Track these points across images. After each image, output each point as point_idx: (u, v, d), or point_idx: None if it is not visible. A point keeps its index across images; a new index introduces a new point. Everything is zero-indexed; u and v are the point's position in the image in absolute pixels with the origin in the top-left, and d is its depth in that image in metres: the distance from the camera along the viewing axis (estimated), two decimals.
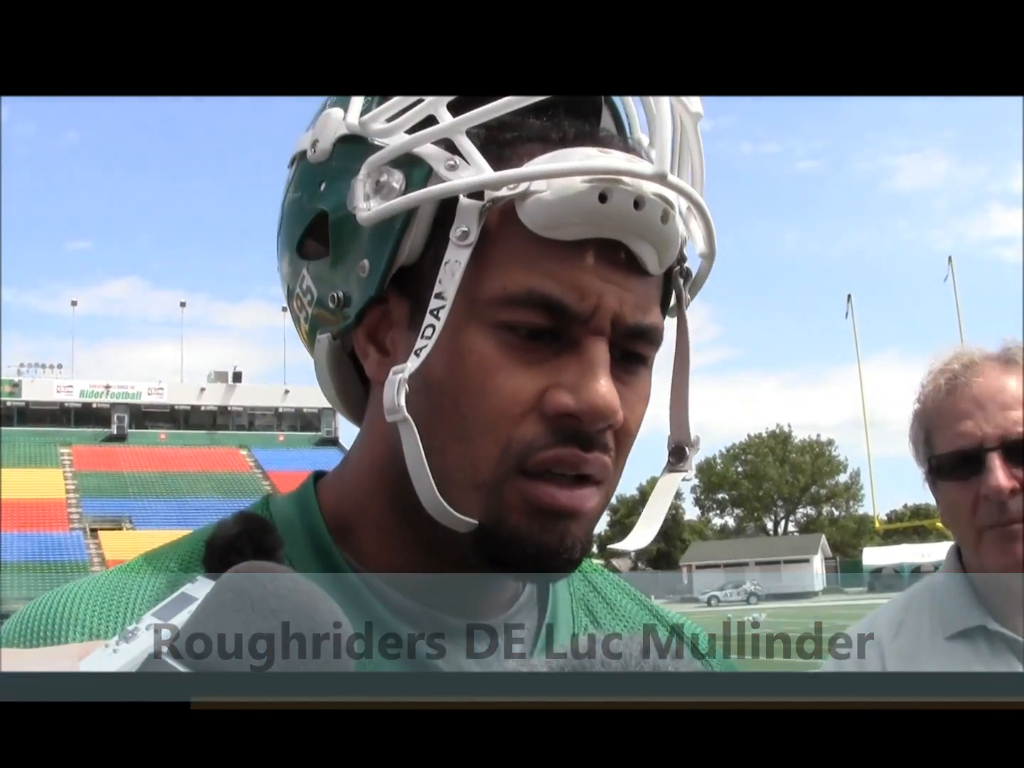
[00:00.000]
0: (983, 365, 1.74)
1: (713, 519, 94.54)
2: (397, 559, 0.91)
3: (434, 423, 0.83)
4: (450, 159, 0.82)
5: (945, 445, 1.74)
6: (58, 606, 0.87)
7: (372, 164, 0.85)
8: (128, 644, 0.61)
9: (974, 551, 1.75)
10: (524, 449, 0.82)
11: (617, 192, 0.80)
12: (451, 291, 0.81)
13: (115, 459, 63.08)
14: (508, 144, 0.84)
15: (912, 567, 64.67)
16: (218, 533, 0.70)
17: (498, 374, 0.82)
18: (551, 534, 0.84)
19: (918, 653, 1.77)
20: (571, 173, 0.80)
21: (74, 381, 69.73)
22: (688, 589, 70.25)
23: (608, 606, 1.06)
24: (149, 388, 70.69)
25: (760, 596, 60.96)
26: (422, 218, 0.84)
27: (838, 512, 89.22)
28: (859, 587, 66.85)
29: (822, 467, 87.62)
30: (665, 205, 0.83)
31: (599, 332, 0.83)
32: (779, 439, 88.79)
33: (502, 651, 0.93)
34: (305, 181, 0.93)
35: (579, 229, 0.81)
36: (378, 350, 0.90)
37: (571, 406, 0.81)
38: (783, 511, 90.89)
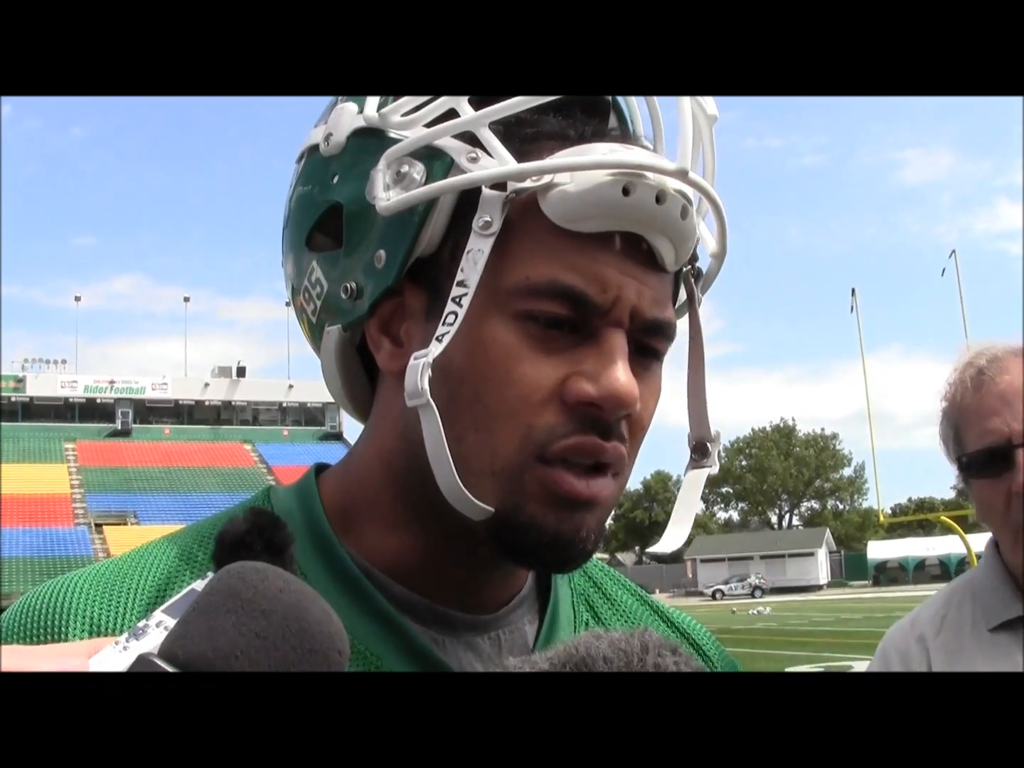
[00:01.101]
0: (1009, 360, 1.72)
1: (718, 513, 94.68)
2: (401, 550, 0.91)
3: (454, 411, 0.83)
4: (471, 151, 0.83)
5: (974, 443, 1.73)
6: (58, 597, 0.86)
7: (392, 155, 0.85)
8: (139, 641, 0.61)
9: (1011, 549, 1.75)
10: (544, 436, 0.83)
11: (640, 186, 0.81)
12: (474, 279, 0.81)
13: (119, 454, 63.16)
14: (528, 140, 0.85)
15: (917, 561, 64.76)
16: (228, 529, 0.69)
17: (520, 363, 0.82)
18: (567, 524, 0.84)
19: (962, 647, 1.76)
20: (596, 166, 0.81)
21: (78, 376, 69.84)
22: (693, 583, 70.33)
23: (608, 601, 1.06)
24: (153, 383, 70.76)
25: (765, 589, 61.05)
26: (442, 209, 0.84)
27: (842, 506, 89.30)
28: (863, 580, 66.92)
29: (826, 461, 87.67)
30: (684, 201, 0.83)
31: (618, 324, 0.83)
32: (783, 433, 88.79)
33: (503, 645, 0.94)
34: (316, 174, 0.93)
35: (601, 222, 0.82)
36: (392, 342, 0.89)
37: (591, 394, 0.82)
38: (787, 505, 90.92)
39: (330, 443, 67.66)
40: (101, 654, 0.61)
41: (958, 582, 1.93)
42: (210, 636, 0.58)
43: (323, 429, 71.14)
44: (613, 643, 0.65)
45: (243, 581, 0.60)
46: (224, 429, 70.63)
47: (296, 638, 0.59)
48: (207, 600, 0.60)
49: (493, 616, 0.94)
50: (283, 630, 0.59)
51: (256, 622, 0.58)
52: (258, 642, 0.58)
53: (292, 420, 72.97)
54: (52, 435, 64.65)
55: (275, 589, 0.60)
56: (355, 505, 0.93)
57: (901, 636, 1.87)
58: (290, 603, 0.60)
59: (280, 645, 0.58)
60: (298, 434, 70.85)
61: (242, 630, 0.58)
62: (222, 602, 0.59)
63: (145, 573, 0.88)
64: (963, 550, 23.18)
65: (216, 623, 0.58)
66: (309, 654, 0.59)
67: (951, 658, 1.76)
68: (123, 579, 0.87)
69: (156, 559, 0.90)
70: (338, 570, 0.89)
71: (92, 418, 68.34)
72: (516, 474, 0.83)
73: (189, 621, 0.59)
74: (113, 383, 69.50)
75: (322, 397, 72.05)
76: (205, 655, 0.57)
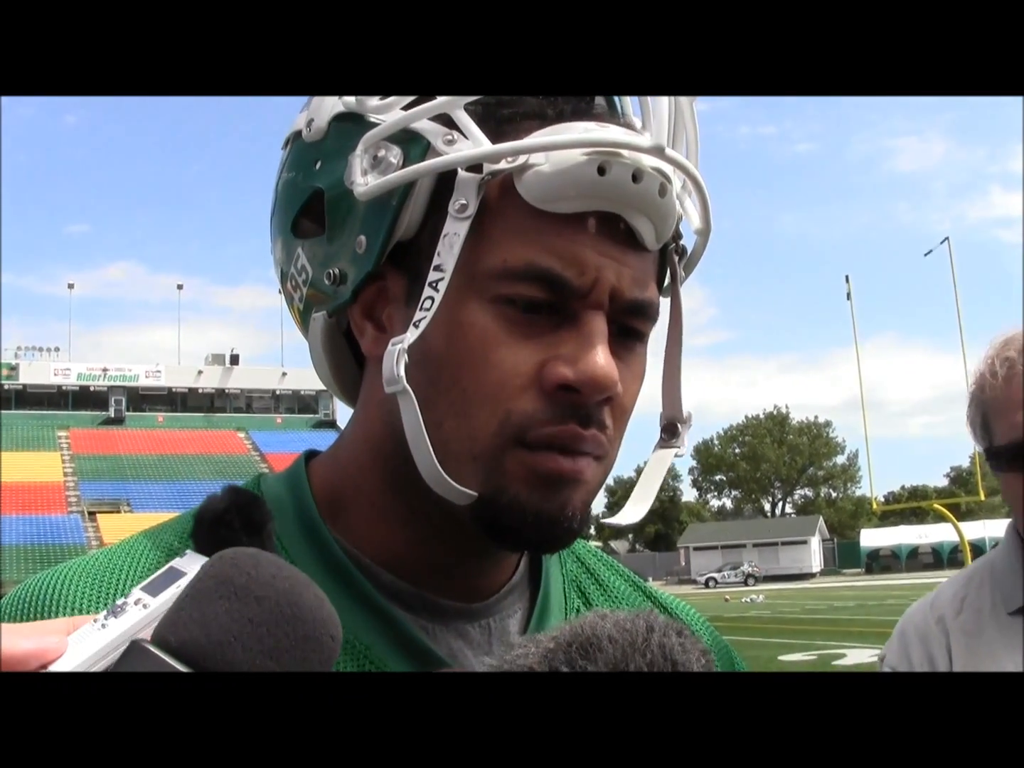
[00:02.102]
0: None
1: (711, 501, 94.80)
2: (390, 538, 0.91)
3: (432, 396, 0.83)
4: (448, 133, 0.82)
5: (1002, 435, 1.72)
6: (48, 588, 0.87)
7: (369, 140, 0.84)
8: (117, 619, 0.61)
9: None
10: (523, 422, 0.82)
11: (616, 165, 0.80)
12: (450, 263, 0.80)
13: (113, 442, 63.12)
14: (506, 120, 0.84)
15: (909, 549, 64.91)
16: (207, 507, 0.69)
17: (498, 348, 0.82)
18: (552, 502, 0.84)
19: (982, 629, 1.76)
20: (570, 145, 0.80)
21: (72, 364, 69.73)
22: (686, 571, 70.41)
23: (601, 587, 1.06)
24: (147, 371, 70.68)
25: (758, 577, 61.12)
26: (420, 192, 0.83)
27: (836, 493, 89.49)
28: (856, 568, 67.08)
29: (820, 448, 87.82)
30: (662, 179, 0.82)
31: (597, 306, 0.83)
32: (777, 421, 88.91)
33: (493, 633, 0.93)
34: (300, 161, 0.92)
35: (578, 202, 0.81)
36: (375, 327, 0.89)
37: (570, 377, 0.81)
38: (781, 492, 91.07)
39: (323, 431, 67.63)
40: (80, 631, 0.61)
41: (978, 564, 1.92)
42: (203, 622, 0.57)
43: (316, 417, 71.15)
44: (618, 623, 0.64)
45: (236, 567, 0.60)
46: (217, 417, 70.57)
47: (289, 624, 0.59)
48: (200, 586, 0.59)
49: (483, 604, 0.94)
50: (276, 616, 0.58)
51: (249, 608, 0.58)
52: (251, 628, 0.58)
53: (285, 408, 72.96)
54: (45, 423, 64.58)
55: (268, 575, 0.60)
56: (343, 492, 0.93)
57: (921, 616, 1.86)
58: (283, 589, 0.59)
59: (273, 631, 0.58)
60: (291, 422, 70.83)
61: (235, 616, 0.58)
62: (215, 588, 0.59)
63: (134, 563, 0.88)
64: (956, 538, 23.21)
65: (209, 609, 0.58)
66: (302, 640, 0.59)
67: (970, 640, 1.75)
68: (113, 570, 0.87)
69: (146, 549, 0.90)
70: (326, 558, 0.89)
71: (85, 406, 68.26)
72: (496, 458, 0.83)
73: (182, 607, 0.59)
74: (106, 371, 69.41)
75: (315, 385, 71.89)
76: (198, 641, 0.57)
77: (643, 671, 0.62)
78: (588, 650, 0.63)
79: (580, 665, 0.62)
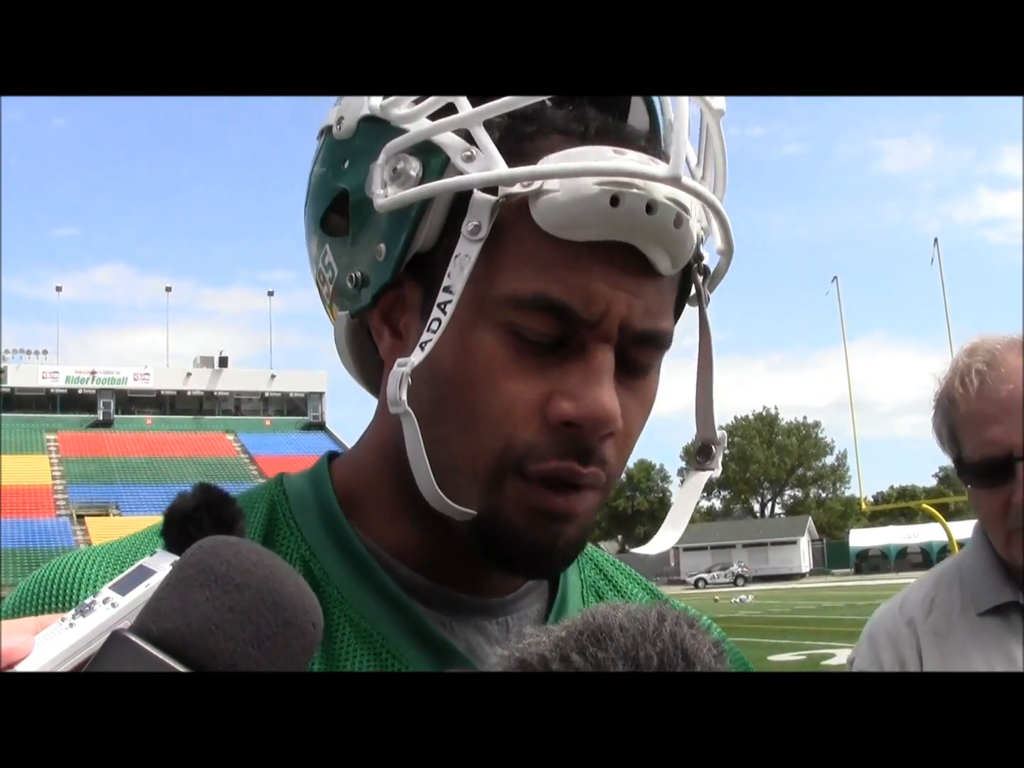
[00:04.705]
0: (1007, 362, 1.68)
1: (700, 501, 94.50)
2: (407, 536, 0.91)
3: (440, 412, 0.83)
4: (467, 149, 0.81)
5: (973, 450, 1.69)
6: (72, 567, 0.88)
7: (391, 150, 0.84)
8: (85, 618, 0.61)
9: (1003, 547, 1.73)
10: (523, 453, 0.82)
11: (629, 196, 0.79)
12: (459, 286, 0.80)
13: (101, 445, 62.91)
14: (527, 137, 0.83)
15: (898, 549, 65.03)
16: (177, 505, 0.69)
17: (504, 374, 0.82)
18: (543, 535, 0.84)
19: (952, 630, 1.75)
20: (581, 174, 0.78)
21: (60, 367, 69.55)
22: (675, 571, 70.51)
23: (619, 593, 1.06)
24: (135, 373, 70.50)
25: (747, 578, 61.25)
26: (438, 207, 0.83)
27: (825, 494, 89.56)
28: (846, 568, 67.18)
29: (809, 449, 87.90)
30: (679, 209, 0.81)
31: (606, 338, 0.82)
32: (766, 421, 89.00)
33: (511, 629, 0.94)
34: (330, 157, 0.93)
35: (591, 231, 0.79)
36: (392, 333, 0.89)
37: (572, 414, 0.81)
38: (770, 493, 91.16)
39: (312, 433, 67.56)
40: (47, 631, 0.61)
41: (946, 564, 1.91)
42: (184, 611, 0.57)
43: (305, 419, 71.01)
44: (630, 612, 0.65)
45: (216, 555, 0.60)
46: (206, 419, 70.40)
47: (270, 611, 0.58)
48: (180, 575, 0.59)
49: (501, 601, 0.94)
50: (257, 603, 0.58)
51: (230, 596, 0.58)
52: (232, 616, 0.57)
53: (274, 410, 72.83)
54: (33, 426, 64.34)
55: (248, 563, 0.60)
56: (361, 490, 0.94)
57: (890, 619, 1.84)
58: (263, 576, 0.59)
59: (254, 618, 0.58)
60: (280, 424, 70.69)
61: (216, 604, 0.57)
62: (195, 576, 0.59)
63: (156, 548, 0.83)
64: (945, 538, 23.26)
65: (190, 598, 0.58)
66: (283, 627, 0.59)
67: (941, 641, 1.75)
68: (135, 553, 0.88)
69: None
70: (347, 550, 0.90)
71: (74, 409, 68.06)
72: (495, 481, 0.83)
73: (163, 596, 0.58)
74: (95, 374, 69.23)
75: (304, 387, 71.98)
76: (179, 630, 0.57)
77: (653, 659, 0.61)
78: (599, 638, 0.63)
79: (591, 653, 0.62)
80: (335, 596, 0.88)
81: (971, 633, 1.74)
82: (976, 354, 1.71)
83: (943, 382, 1.76)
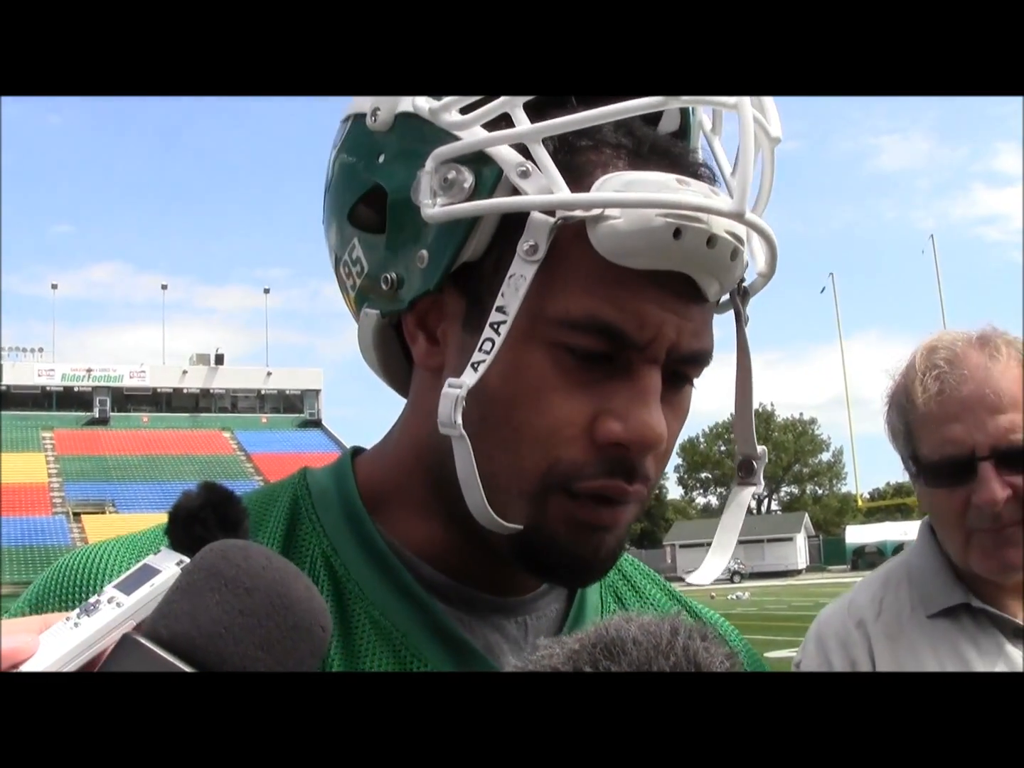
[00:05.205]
0: (968, 361, 1.64)
1: (696, 498, 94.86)
2: (430, 535, 0.91)
3: (483, 430, 0.82)
4: (522, 164, 0.80)
5: (932, 450, 1.66)
6: (93, 559, 0.88)
7: (440, 157, 0.82)
8: (90, 618, 0.60)
9: (960, 550, 1.69)
10: (571, 471, 0.82)
11: (691, 230, 0.79)
12: (514, 307, 0.79)
13: (97, 443, 62.82)
14: (581, 151, 0.82)
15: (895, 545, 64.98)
16: (181, 504, 0.69)
17: (553, 394, 0.82)
18: (586, 546, 0.85)
19: (902, 632, 1.73)
20: (647, 205, 0.78)
21: (56, 365, 69.39)
22: (672, 568, 70.46)
23: (637, 594, 1.06)
24: (131, 371, 70.37)
25: (744, 574, 61.20)
26: (488, 220, 0.82)
27: (821, 490, 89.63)
28: (842, 565, 67.21)
29: (805, 446, 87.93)
30: (736, 244, 0.82)
31: (654, 360, 0.82)
32: (762, 418, 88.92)
33: (530, 629, 0.94)
34: (361, 147, 0.90)
35: (650, 260, 0.79)
36: (427, 338, 0.89)
37: (620, 435, 0.81)
38: (766, 490, 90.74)
39: (309, 430, 67.53)
40: (51, 630, 0.60)
41: (892, 564, 1.89)
42: (193, 614, 0.57)
43: (302, 416, 70.93)
44: (643, 626, 0.65)
45: (225, 559, 0.60)
46: (202, 417, 70.32)
47: (280, 614, 0.58)
48: (190, 579, 0.59)
49: (520, 600, 0.95)
50: (267, 607, 0.58)
51: (240, 599, 0.58)
52: (242, 619, 0.57)
53: (271, 407, 72.76)
54: (29, 424, 64.23)
55: (258, 566, 0.60)
56: (387, 488, 0.94)
57: (839, 620, 1.80)
58: (273, 580, 0.59)
59: (264, 622, 0.58)
60: (277, 421, 70.60)
61: (226, 608, 0.58)
62: (205, 580, 0.59)
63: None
64: None
65: (200, 601, 0.58)
66: (292, 630, 0.59)
67: (892, 644, 1.72)
68: (156, 545, 0.86)
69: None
70: (369, 547, 0.90)
71: (70, 406, 67.94)
72: (540, 498, 0.83)
73: (173, 600, 0.58)
74: (91, 371, 69.10)
75: (300, 384, 71.94)
76: (189, 633, 0.57)
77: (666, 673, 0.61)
78: (612, 651, 0.63)
79: (604, 666, 0.62)
80: (356, 593, 0.88)
81: (922, 635, 1.72)
82: (936, 352, 1.68)
83: (899, 379, 1.73)
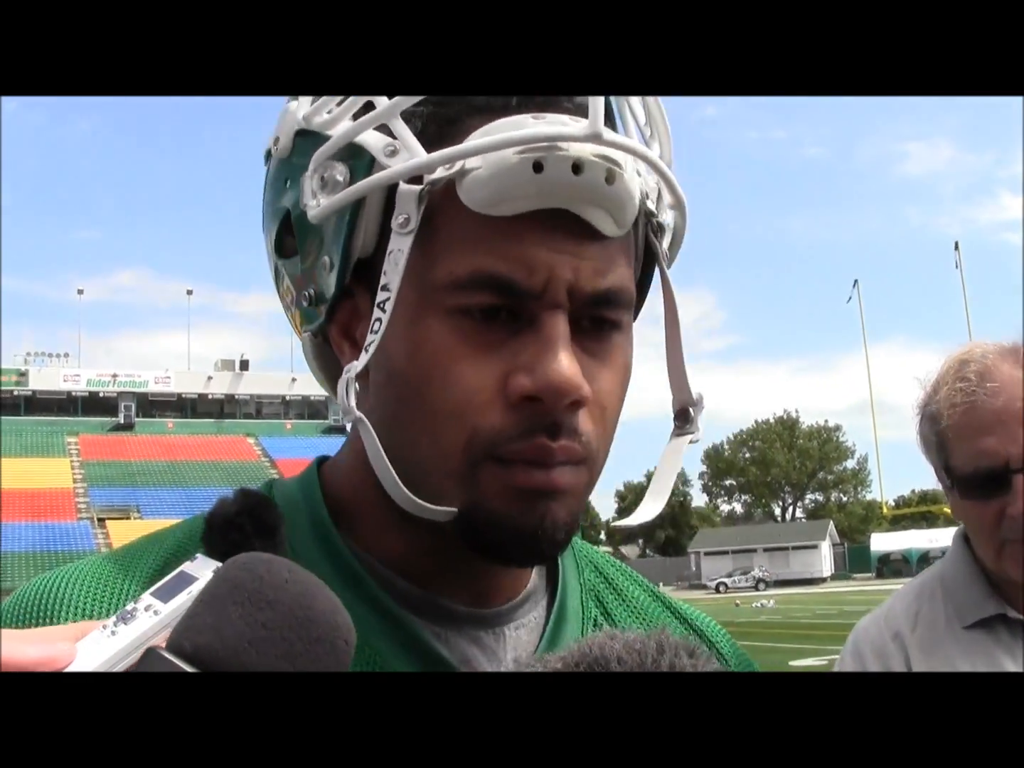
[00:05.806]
0: (999, 373, 1.64)
1: (721, 505, 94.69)
2: (397, 545, 0.89)
3: (405, 415, 0.82)
4: (390, 145, 0.79)
5: (965, 462, 1.66)
6: (53, 588, 0.86)
7: (318, 159, 0.82)
8: (127, 626, 0.61)
9: (993, 560, 1.69)
10: (492, 437, 0.79)
11: (552, 159, 0.76)
12: (396, 281, 0.78)
13: (122, 448, 63.16)
14: (450, 120, 0.81)
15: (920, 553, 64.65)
16: (217, 510, 0.69)
17: (459, 362, 0.79)
18: (530, 516, 0.80)
19: (940, 643, 1.72)
20: (499, 146, 0.76)
21: (81, 370, 69.90)
22: (696, 576, 70.26)
23: (619, 597, 1.02)
24: (156, 377, 70.81)
25: (768, 582, 60.95)
26: (371, 209, 0.81)
27: (846, 498, 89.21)
28: (867, 573, 66.83)
29: (830, 453, 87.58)
30: (608, 165, 0.77)
31: (555, 305, 0.79)
32: (787, 425, 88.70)
33: (508, 640, 0.91)
34: (273, 179, 0.90)
35: (520, 203, 0.77)
36: (351, 345, 0.87)
37: (529, 388, 0.78)
38: (791, 497, 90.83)
39: (333, 436, 67.54)
40: (88, 638, 0.61)
41: (927, 575, 1.88)
42: (217, 628, 0.58)
43: (326, 422, 71.13)
44: (628, 644, 0.63)
45: (248, 572, 0.60)
46: (227, 423, 70.64)
47: (303, 628, 0.59)
48: (213, 592, 0.59)
49: (497, 610, 0.91)
50: (289, 620, 0.58)
51: (262, 612, 0.58)
52: (265, 633, 0.58)
53: (295, 413, 73.00)
54: (55, 429, 64.66)
55: (280, 579, 0.60)
56: (349, 499, 0.92)
57: (876, 632, 1.81)
58: (296, 593, 0.59)
59: (287, 635, 0.58)
60: (301, 427, 70.85)
61: (248, 621, 0.58)
62: (228, 593, 0.59)
63: (138, 566, 0.87)
64: None
65: (222, 614, 0.58)
66: (315, 643, 0.59)
67: (929, 656, 1.71)
68: (117, 572, 0.87)
69: (149, 552, 0.89)
70: (338, 563, 0.87)
71: (95, 412, 68.37)
72: (471, 474, 0.80)
73: (195, 613, 0.59)
74: (116, 377, 69.54)
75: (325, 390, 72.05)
76: (212, 647, 0.57)
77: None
78: (596, 671, 0.62)
79: None
80: None
81: (959, 647, 1.71)
82: (968, 365, 1.66)
83: (930, 390, 1.72)
